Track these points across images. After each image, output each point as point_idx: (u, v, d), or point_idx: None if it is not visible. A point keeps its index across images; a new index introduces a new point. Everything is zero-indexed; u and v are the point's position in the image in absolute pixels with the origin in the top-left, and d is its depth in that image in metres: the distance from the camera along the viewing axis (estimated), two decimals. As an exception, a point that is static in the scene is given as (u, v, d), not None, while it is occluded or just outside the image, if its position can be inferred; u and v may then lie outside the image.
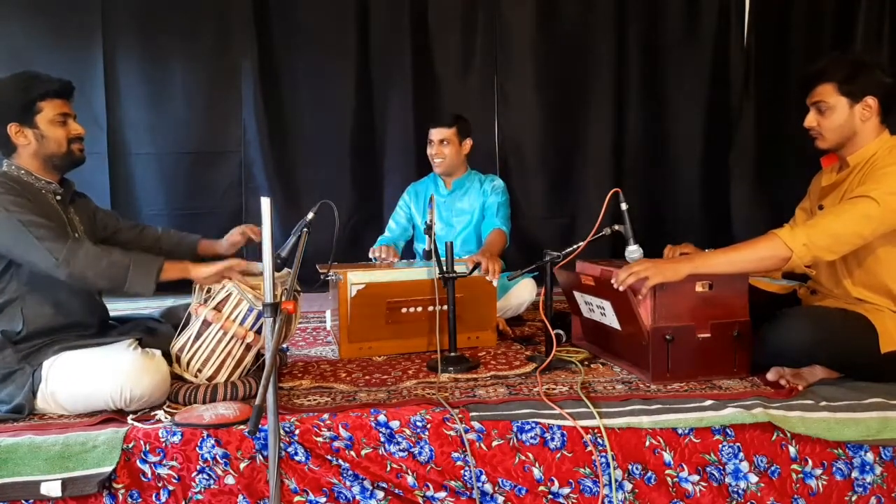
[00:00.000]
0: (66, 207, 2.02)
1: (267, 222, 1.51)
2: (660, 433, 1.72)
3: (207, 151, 4.06)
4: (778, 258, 1.89)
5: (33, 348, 1.86)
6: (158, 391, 1.83)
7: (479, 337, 2.56)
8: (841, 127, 2.00)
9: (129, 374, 1.77)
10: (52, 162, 1.96)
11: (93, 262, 1.80)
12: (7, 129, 1.89)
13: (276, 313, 1.51)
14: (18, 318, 1.87)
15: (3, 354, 1.85)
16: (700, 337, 2.01)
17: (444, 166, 3.04)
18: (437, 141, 3.00)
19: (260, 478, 1.66)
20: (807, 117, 2.06)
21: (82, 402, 1.82)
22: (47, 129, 1.92)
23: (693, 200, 4.31)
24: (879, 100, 1.96)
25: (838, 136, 2.01)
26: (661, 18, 4.22)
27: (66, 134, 1.95)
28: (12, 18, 3.83)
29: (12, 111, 1.89)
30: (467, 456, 1.69)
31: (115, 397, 1.77)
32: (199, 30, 3.99)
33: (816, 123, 2.04)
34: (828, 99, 1.99)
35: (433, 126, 3.04)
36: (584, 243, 2.18)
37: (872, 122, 1.99)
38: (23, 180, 1.92)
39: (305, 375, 2.20)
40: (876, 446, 1.74)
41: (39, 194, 1.93)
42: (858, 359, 1.91)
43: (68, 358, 1.84)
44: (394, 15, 4.08)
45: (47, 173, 1.97)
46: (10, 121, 1.89)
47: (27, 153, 1.93)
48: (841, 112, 1.99)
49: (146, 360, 1.82)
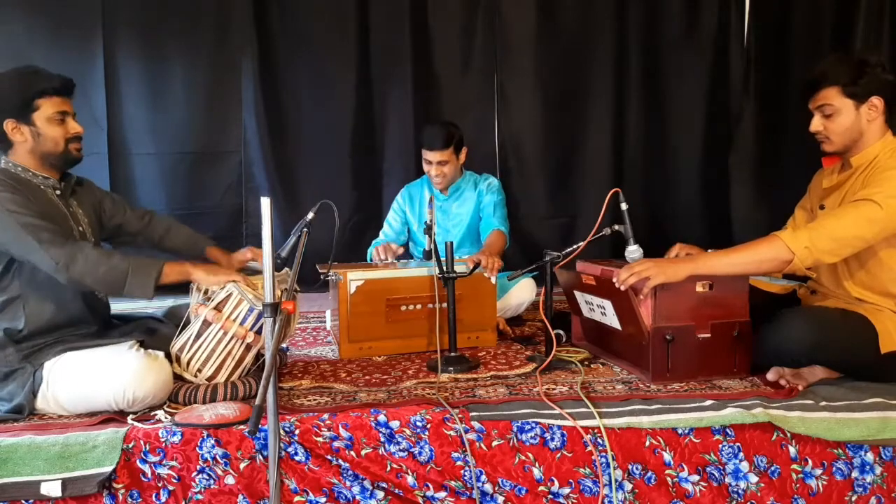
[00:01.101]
0: (68, 201, 2.01)
1: (267, 222, 1.51)
2: (660, 433, 1.72)
3: (207, 151, 4.05)
4: (779, 261, 1.88)
5: (35, 347, 1.86)
6: (161, 393, 1.83)
7: (479, 337, 2.56)
8: (848, 129, 1.98)
9: (132, 376, 1.77)
10: (49, 160, 1.95)
11: (91, 268, 1.80)
12: (3, 125, 1.88)
13: (276, 313, 1.51)
14: (20, 316, 1.87)
15: (4, 353, 1.85)
16: (700, 337, 2.01)
17: (444, 183, 3.03)
18: (436, 163, 2.96)
19: (260, 478, 1.66)
20: (812, 122, 2.03)
21: (84, 403, 1.82)
22: (44, 127, 1.90)
23: (693, 200, 4.32)
24: (885, 99, 1.95)
25: (846, 138, 2.00)
26: (661, 18, 4.22)
27: (63, 133, 1.93)
28: (13, 18, 3.82)
29: (9, 107, 1.88)
30: (467, 456, 1.69)
31: (118, 398, 1.77)
32: (199, 30, 3.98)
33: (823, 127, 2.01)
34: (833, 102, 1.97)
35: (428, 149, 2.94)
36: (584, 243, 2.18)
37: (878, 122, 1.98)
38: (20, 177, 1.91)
39: (305, 375, 2.20)
40: (876, 446, 1.74)
41: (38, 190, 1.93)
42: (858, 359, 1.91)
43: (71, 358, 1.84)
44: (394, 15, 4.07)
45: (45, 170, 1.96)
46: (7, 117, 1.88)
47: (23, 150, 1.92)
48: (847, 114, 1.97)
49: (150, 362, 1.82)
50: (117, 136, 3.95)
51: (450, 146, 2.94)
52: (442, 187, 3.07)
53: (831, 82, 1.97)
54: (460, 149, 3.02)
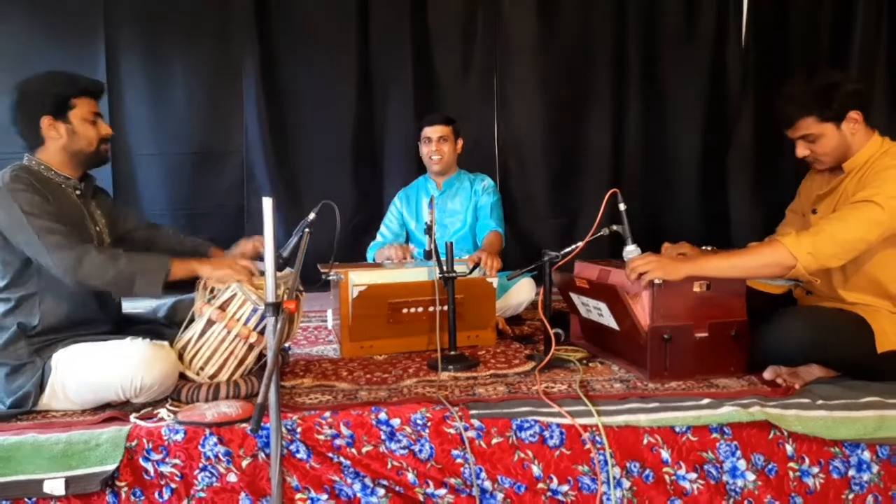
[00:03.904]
0: (88, 202, 2.05)
1: (269, 222, 1.52)
2: (658, 431, 1.73)
3: (209, 152, 4.06)
4: (782, 266, 1.88)
5: (45, 343, 1.89)
6: (168, 381, 1.86)
7: (478, 336, 2.57)
8: (836, 148, 2.00)
9: (140, 363, 1.80)
10: (79, 158, 1.99)
11: (99, 272, 1.83)
12: (40, 121, 1.91)
13: (278, 312, 1.52)
14: (36, 313, 1.89)
15: (16, 346, 1.88)
16: (698, 336, 2.02)
17: (442, 164, 3.05)
18: (436, 139, 3.02)
19: (262, 475, 1.68)
20: (797, 149, 2.05)
21: (91, 393, 1.84)
22: (80, 125, 1.95)
23: (691, 200, 4.32)
24: (860, 109, 1.96)
25: (836, 156, 2.02)
26: (660, 19, 4.23)
27: (97, 133, 1.99)
28: (14, 18, 3.84)
29: (47, 105, 1.92)
30: (467, 453, 1.70)
31: (126, 386, 1.80)
32: (200, 31, 3.99)
33: (810, 151, 2.03)
34: (812, 130, 1.99)
35: (429, 125, 3.05)
36: (582, 243, 2.20)
37: (861, 130, 1.99)
38: (43, 175, 1.94)
39: (307, 374, 2.21)
40: (872, 445, 1.75)
41: (59, 189, 1.95)
42: (855, 358, 1.92)
43: (79, 349, 1.87)
44: (394, 15, 4.08)
45: (70, 169, 1.99)
46: (44, 114, 1.91)
47: (55, 147, 1.95)
48: (831, 137, 1.98)
49: (157, 350, 1.86)
50: (119, 137, 3.94)
51: (450, 125, 3.05)
52: (439, 169, 3.09)
53: (805, 113, 1.97)
54: (458, 135, 3.09)
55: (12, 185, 1.84)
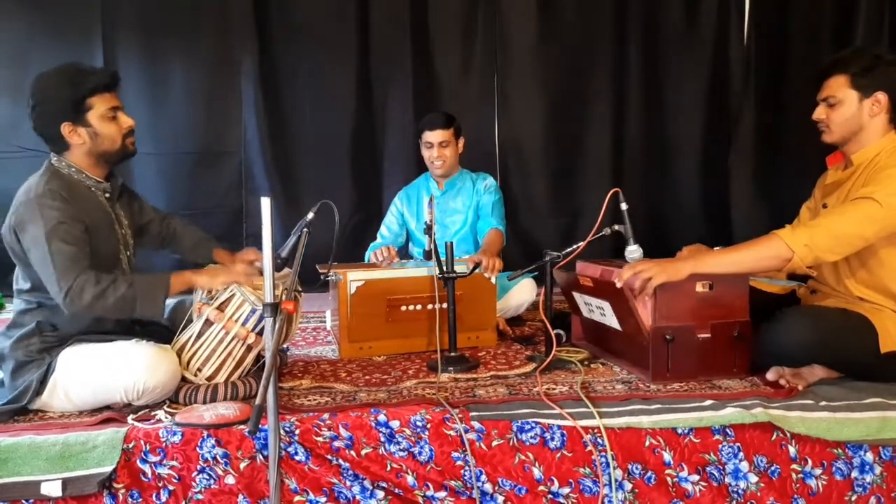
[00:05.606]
0: (114, 204, 2.03)
1: (267, 222, 1.52)
2: (659, 433, 1.72)
3: (208, 151, 4.06)
4: (779, 258, 1.89)
5: (56, 342, 1.88)
6: (171, 384, 1.85)
7: (479, 337, 2.56)
8: (848, 121, 2.00)
9: (145, 365, 1.79)
10: (105, 158, 1.95)
11: (99, 302, 1.80)
12: (60, 128, 1.87)
13: (277, 313, 1.51)
14: (59, 316, 1.88)
15: (29, 342, 1.87)
16: (700, 337, 2.01)
17: (444, 168, 3.04)
18: (437, 143, 2.99)
19: (260, 477, 1.67)
20: (816, 110, 2.06)
21: (92, 394, 1.83)
22: (100, 125, 1.90)
23: (693, 200, 4.32)
24: (890, 96, 1.96)
25: (845, 129, 2.02)
26: (661, 18, 4.22)
27: (118, 129, 1.93)
28: (12, 18, 3.83)
29: (64, 110, 1.86)
30: (467, 456, 1.69)
31: (129, 388, 1.79)
32: (199, 31, 3.99)
33: (825, 116, 2.04)
34: (837, 93, 2.00)
35: (430, 129, 2.99)
36: (583, 243, 2.18)
37: (880, 119, 1.99)
38: (73, 179, 1.92)
39: (305, 375, 2.20)
40: (875, 446, 1.74)
41: (88, 192, 1.94)
42: (858, 359, 1.91)
43: (84, 350, 1.86)
44: (394, 15, 4.08)
45: (98, 170, 1.97)
46: (63, 120, 1.86)
47: (81, 152, 1.92)
48: (850, 105, 1.99)
49: (161, 352, 1.85)
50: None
51: (451, 127, 3.01)
52: (442, 173, 3.07)
53: (841, 70, 2.00)
54: (459, 135, 3.06)
55: (42, 199, 1.80)
